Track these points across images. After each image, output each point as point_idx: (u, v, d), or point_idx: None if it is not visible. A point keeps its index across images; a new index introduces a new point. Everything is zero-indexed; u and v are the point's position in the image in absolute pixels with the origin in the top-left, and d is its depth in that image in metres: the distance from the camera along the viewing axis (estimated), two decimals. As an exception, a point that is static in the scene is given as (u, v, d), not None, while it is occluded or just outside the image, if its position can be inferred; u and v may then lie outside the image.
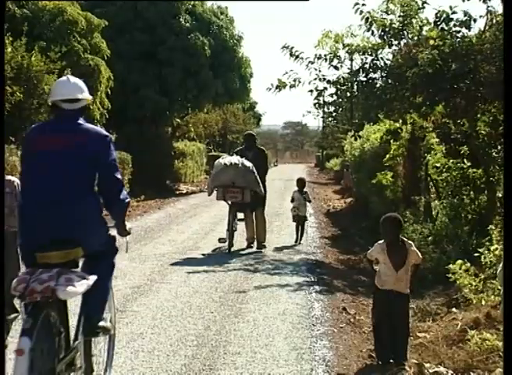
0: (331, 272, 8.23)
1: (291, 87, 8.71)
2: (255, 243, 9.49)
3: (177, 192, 21.31)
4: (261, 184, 9.06)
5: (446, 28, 7.98)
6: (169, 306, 6.07)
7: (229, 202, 9.13)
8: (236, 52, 22.31)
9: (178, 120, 25.11)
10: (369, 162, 12.78)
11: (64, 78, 3.53)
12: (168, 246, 9.75)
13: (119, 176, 3.40)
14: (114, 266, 3.54)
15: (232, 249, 9.16)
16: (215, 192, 9.18)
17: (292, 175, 35.23)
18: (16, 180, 4.24)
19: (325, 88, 8.97)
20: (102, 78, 14.72)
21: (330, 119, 38.90)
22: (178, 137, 27.75)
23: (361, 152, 13.84)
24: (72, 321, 3.43)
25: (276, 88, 8.81)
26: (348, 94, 9.57)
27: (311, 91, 8.87)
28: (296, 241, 10.13)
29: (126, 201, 3.42)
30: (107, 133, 3.46)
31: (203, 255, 9.07)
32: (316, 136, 62.64)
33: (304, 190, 10.44)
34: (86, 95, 3.45)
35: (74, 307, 3.72)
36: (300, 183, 10.46)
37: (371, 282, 4.80)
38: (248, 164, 8.90)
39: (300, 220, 10.29)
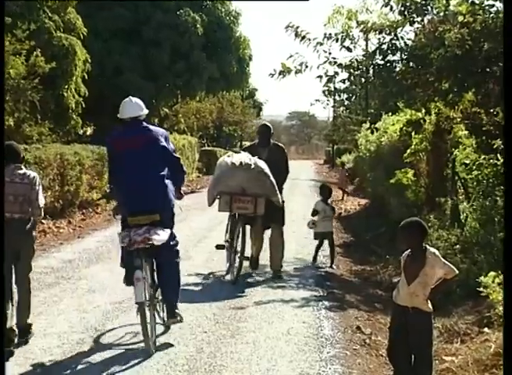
0: (343, 285, 8.23)
1: (297, 72, 8.70)
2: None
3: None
4: (279, 193, 8.03)
5: (477, 2, 7.97)
6: (156, 325, 6.06)
7: (234, 213, 7.96)
8: (232, 31, 22.34)
9: (166, 110, 25.15)
10: (387, 158, 12.77)
11: (127, 99, 5.82)
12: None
13: (178, 156, 5.98)
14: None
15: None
16: (216, 201, 7.94)
17: (298, 173, 35.27)
18: (32, 173, 5.58)
19: (336, 73, 8.96)
20: (78, 60, 14.73)
21: (342, 108, 38.90)
22: (166, 129, 27.75)
23: (378, 147, 13.84)
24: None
25: (280, 74, 8.81)
26: (363, 79, 9.58)
27: (320, 76, 8.86)
28: (313, 261, 9.51)
29: (185, 172, 6.11)
30: (164, 131, 5.94)
31: (195, 265, 9.06)
32: (326, 128, 62.64)
33: (329, 200, 9.76)
34: (145, 111, 5.84)
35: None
36: (326, 191, 9.71)
37: (390, 297, 4.79)
38: (263, 165, 7.87)
39: (326, 238, 9.52)
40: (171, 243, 5.78)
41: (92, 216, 14.17)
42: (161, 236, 5.50)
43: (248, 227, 8.35)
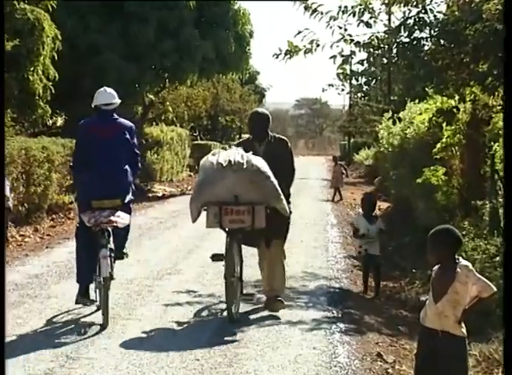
0: (361, 304, 8.23)
1: (306, 52, 8.70)
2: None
3: (150, 195, 21.33)
4: (284, 198, 7.30)
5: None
6: (139, 351, 6.06)
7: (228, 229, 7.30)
8: (230, 4, 22.36)
9: (151, 96, 25.13)
10: (413, 153, 12.78)
11: (101, 89, 7.46)
12: (137, 268, 9.77)
13: (138, 152, 7.69)
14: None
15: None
16: (202, 215, 7.36)
17: (307, 171, 35.26)
18: None
19: (353, 53, 8.95)
20: (46, 37, 14.72)
21: (360, 95, 39.01)
22: (151, 119, 27.79)
23: (402, 140, 13.85)
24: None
25: (286, 54, 8.81)
26: (384, 60, 9.56)
27: (334, 56, 8.85)
28: (365, 291, 8.81)
29: (139, 169, 7.86)
30: (133, 125, 7.59)
31: (185, 280, 9.07)
32: (340, 118, 62.73)
33: (375, 213, 9.10)
34: (117, 100, 7.42)
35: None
36: (368, 203, 9.05)
37: (416, 318, 4.79)
38: (259, 162, 7.20)
39: (371, 263, 8.80)
40: (127, 227, 7.52)
41: (63, 222, 14.20)
42: (124, 219, 7.15)
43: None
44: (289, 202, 7.56)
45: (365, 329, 7.12)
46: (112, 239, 7.07)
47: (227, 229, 7.25)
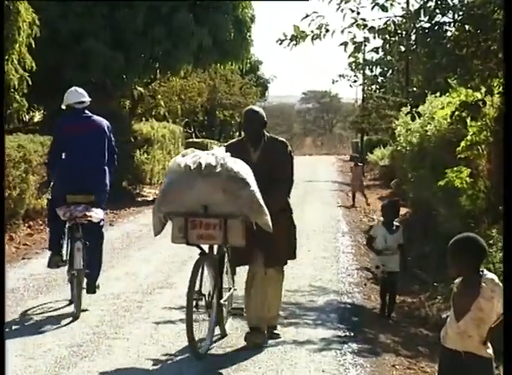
0: (376, 322, 8.24)
1: (314, 38, 8.72)
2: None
3: (139, 199, 21.34)
4: (266, 210, 6.68)
5: None
6: (126, 375, 6.07)
7: (200, 246, 6.94)
8: (229, -16, 22.37)
9: (140, 89, 25.18)
10: (434, 153, 12.77)
11: (72, 89, 8.63)
12: (125, 282, 9.79)
13: (116, 150, 8.76)
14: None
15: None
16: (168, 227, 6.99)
17: (315, 173, 35.30)
18: None
19: (367, 40, 8.97)
20: (22, 22, 14.75)
21: (374, 87, 39.02)
22: (140, 114, 27.81)
23: (422, 138, 13.85)
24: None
25: (292, 40, 8.83)
26: (402, 48, 9.57)
27: (345, 43, 8.87)
28: (383, 312, 8.59)
29: (115, 164, 8.78)
30: (107, 122, 8.65)
31: (178, 295, 9.06)
32: (352, 113, 62.71)
33: (396, 223, 8.74)
34: (87, 99, 8.55)
35: None
36: (391, 210, 8.78)
37: (438, 338, 4.79)
38: (238, 167, 6.70)
39: (389, 280, 8.55)
40: (101, 223, 8.44)
41: (41, 230, 14.19)
42: (98, 214, 8.16)
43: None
44: (291, 212, 7.35)
45: (380, 349, 7.12)
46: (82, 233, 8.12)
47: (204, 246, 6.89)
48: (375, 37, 8.98)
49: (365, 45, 9.10)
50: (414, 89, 11.92)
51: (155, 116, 28.79)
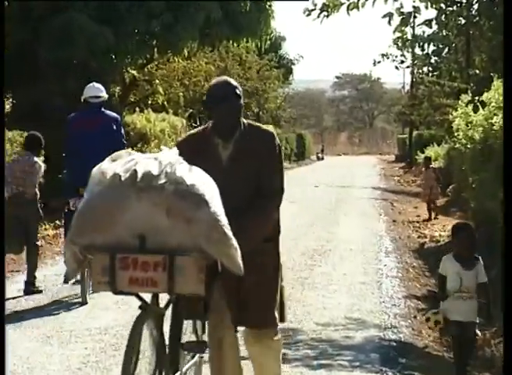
0: (428, 364, 8.23)
1: (351, 7, 8.75)
2: None
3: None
4: (233, 241, 5.32)
5: None
6: None
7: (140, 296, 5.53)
8: None
9: (133, 72, 25.29)
10: (501, 152, 12.77)
11: (91, 84, 11.81)
12: (114, 313, 9.82)
13: (125, 142, 11.88)
14: None
15: None
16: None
17: (352, 178, 35.05)
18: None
19: (417, 9, 9.00)
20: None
21: (426, 69, 38.90)
22: (133, 103, 27.90)
23: (486, 134, 13.85)
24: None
25: (322, 10, 8.87)
26: (461, 20, 9.59)
27: (390, 15, 8.90)
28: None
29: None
30: (118, 116, 12.01)
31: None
32: (398, 102, 62.67)
33: (476, 255, 7.78)
34: (105, 95, 11.79)
35: None
36: (462, 236, 7.82)
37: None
38: (191, 177, 5.37)
39: (465, 336, 7.68)
40: None
41: (16, 249, 14.23)
42: None
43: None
44: (278, 231, 6.22)
45: (435, 399, 7.15)
46: None
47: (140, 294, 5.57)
48: (427, 7, 8.99)
49: (415, 17, 9.12)
50: (477, 72, 11.93)
51: (152, 106, 28.85)
